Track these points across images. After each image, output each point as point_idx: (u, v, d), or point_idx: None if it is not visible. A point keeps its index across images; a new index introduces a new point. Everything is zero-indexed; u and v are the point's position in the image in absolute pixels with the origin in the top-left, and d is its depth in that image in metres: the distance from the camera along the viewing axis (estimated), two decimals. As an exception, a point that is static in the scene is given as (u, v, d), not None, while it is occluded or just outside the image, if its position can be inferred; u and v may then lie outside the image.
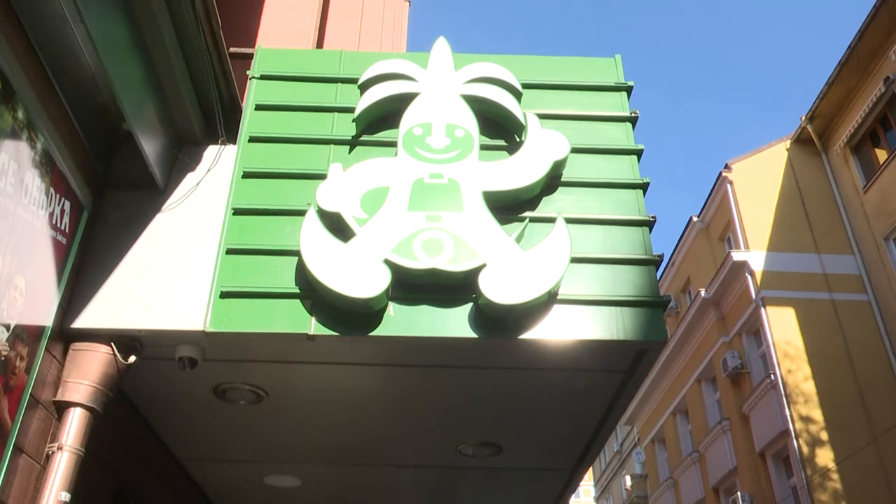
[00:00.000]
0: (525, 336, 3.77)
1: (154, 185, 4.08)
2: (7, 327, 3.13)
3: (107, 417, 3.87)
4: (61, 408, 3.58)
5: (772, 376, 19.15)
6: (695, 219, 24.45)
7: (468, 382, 4.43)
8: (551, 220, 3.99)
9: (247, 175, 4.21)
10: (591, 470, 29.10)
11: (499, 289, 3.67)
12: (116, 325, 3.74)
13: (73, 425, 3.55)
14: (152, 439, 5.15)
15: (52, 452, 3.47)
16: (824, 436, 18.00)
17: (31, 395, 3.35)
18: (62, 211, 3.58)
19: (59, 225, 3.56)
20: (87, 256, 3.86)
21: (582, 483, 6.75)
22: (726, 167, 20.99)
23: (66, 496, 3.40)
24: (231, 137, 4.38)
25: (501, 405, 4.70)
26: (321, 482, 6.15)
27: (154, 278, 3.85)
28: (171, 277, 3.86)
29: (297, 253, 3.80)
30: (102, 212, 4.02)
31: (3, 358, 3.09)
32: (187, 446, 5.42)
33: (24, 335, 3.28)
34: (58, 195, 3.53)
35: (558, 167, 4.22)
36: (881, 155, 17.59)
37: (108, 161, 4.08)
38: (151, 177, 4.03)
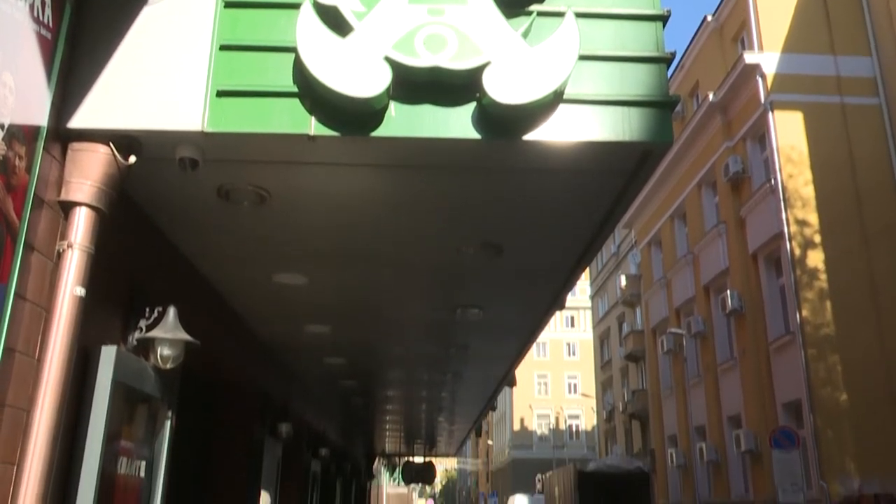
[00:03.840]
0: (529, 137, 3.71)
1: (138, -26, 3.82)
2: (1, 126, 3.07)
3: (116, 221, 3.92)
4: (66, 207, 3.61)
5: (772, 181, 19.26)
6: (709, 18, 23.38)
7: (470, 184, 4.43)
8: (560, 15, 3.77)
9: (236, -37, 3.93)
10: (587, 270, 30.15)
11: (503, 88, 3.55)
12: (112, 126, 3.66)
13: (80, 224, 3.59)
14: (163, 241, 5.26)
15: (63, 250, 3.54)
16: (817, 238, 18.45)
17: (34, 194, 3.36)
18: (43, 2, 3.38)
19: (41, 18, 3.37)
20: (75, 53, 3.70)
21: (578, 282, 7.00)
22: (747, -40, 19.73)
23: (80, 290, 3.52)
24: (216, -79, 4.03)
25: (503, 207, 4.73)
26: (327, 280, 6.37)
27: (148, 76, 3.71)
28: (165, 75, 3.72)
29: (293, 49, 3.63)
30: (87, 6, 3.79)
31: (0, 157, 3.06)
32: (197, 247, 5.55)
33: (20, 134, 3.23)
34: (36, -15, 3.32)
35: (569, -45, 3.92)
36: (915, -54, 16.44)
37: (85, -53, 3.79)
38: (134, -35, 3.76)
